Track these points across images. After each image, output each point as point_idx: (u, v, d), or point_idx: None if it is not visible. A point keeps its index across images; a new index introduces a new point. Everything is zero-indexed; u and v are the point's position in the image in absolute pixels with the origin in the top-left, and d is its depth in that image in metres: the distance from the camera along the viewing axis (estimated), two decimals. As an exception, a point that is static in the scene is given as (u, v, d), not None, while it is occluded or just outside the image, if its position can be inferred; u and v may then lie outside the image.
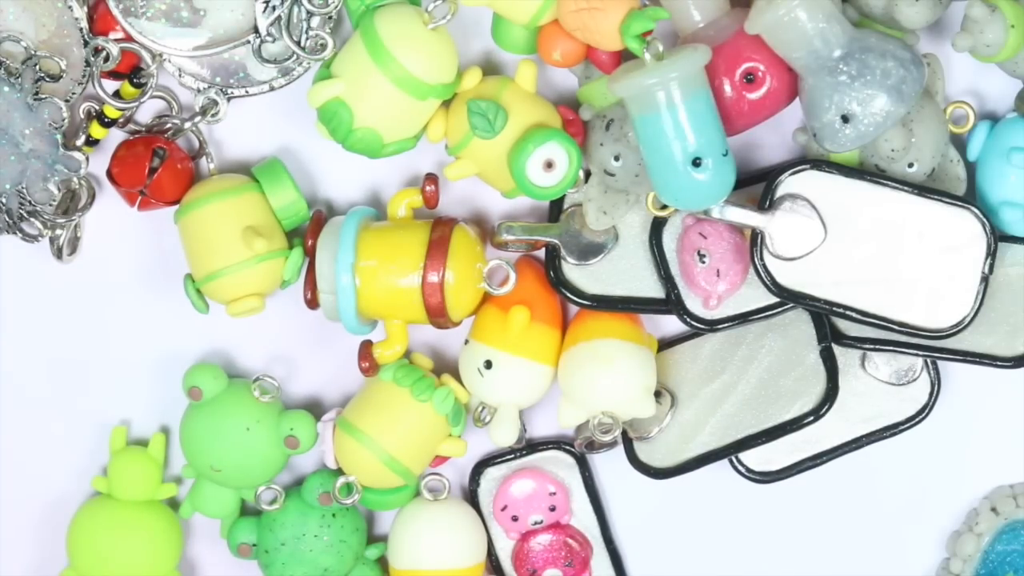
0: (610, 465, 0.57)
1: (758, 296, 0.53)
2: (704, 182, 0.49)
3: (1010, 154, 0.53)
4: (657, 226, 0.54)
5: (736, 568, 0.58)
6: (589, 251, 0.54)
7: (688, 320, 0.54)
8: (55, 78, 0.52)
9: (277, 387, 0.55)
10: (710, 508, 0.58)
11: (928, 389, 0.56)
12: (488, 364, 0.53)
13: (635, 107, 0.49)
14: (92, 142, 0.54)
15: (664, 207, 0.53)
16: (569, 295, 0.54)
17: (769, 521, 0.58)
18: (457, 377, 0.55)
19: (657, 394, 0.54)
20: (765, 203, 0.52)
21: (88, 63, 0.52)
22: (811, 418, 0.54)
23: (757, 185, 0.53)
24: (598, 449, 0.56)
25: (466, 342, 0.54)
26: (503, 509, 0.56)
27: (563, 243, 0.54)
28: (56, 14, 0.52)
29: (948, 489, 0.58)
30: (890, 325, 0.53)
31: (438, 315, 0.52)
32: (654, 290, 0.54)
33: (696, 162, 0.49)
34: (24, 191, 0.52)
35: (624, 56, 0.51)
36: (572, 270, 0.54)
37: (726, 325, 0.54)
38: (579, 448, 0.56)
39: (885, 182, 0.52)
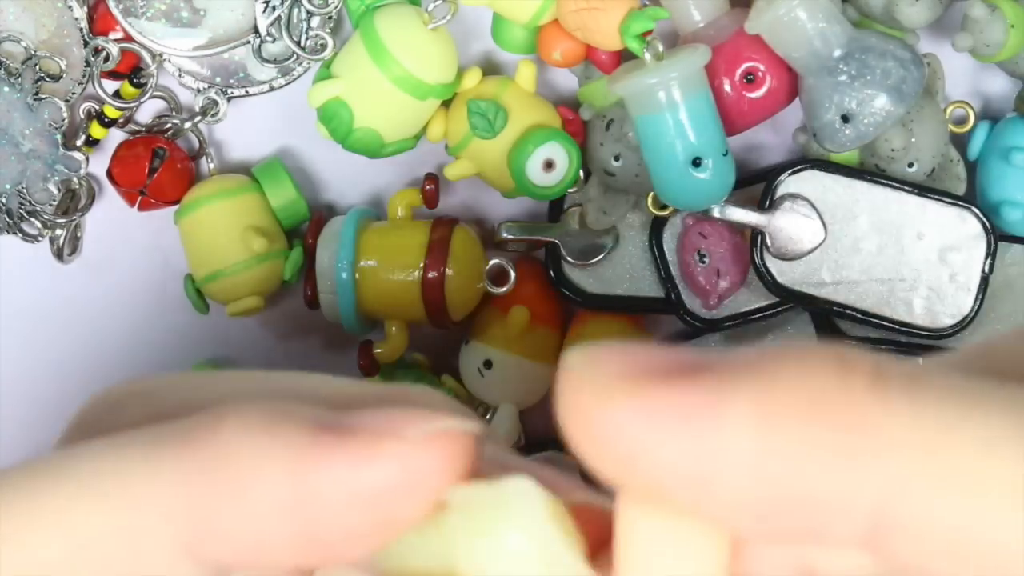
0: (610, 465, 0.57)
1: (758, 296, 0.53)
2: (704, 182, 0.49)
3: (1010, 154, 0.53)
4: (657, 226, 0.54)
5: (736, 568, 0.58)
6: (589, 251, 0.54)
7: (688, 320, 0.54)
8: (55, 78, 0.52)
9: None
10: (710, 508, 0.58)
11: (928, 389, 0.56)
12: (488, 364, 0.53)
13: (635, 107, 0.49)
14: (92, 142, 0.54)
15: (664, 207, 0.53)
16: (569, 295, 0.54)
17: (769, 521, 0.58)
18: (457, 377, 0.55)
19: (657, 394, 0.54)
20: (765, 203, 0.52)
21: (88, 63, 0.52)
22: (811, 418, 0.54)
23: (757, 185, 0.53)
24: (598, 449, 0.56)
25: (466, 342, 0.54)
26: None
27: (563, 243, 0.54)
28: (56, 14, 0.52)
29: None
30: (890, 325, 0.53)
31: (438, 315, 0.52)
32: (654, 290, 0.54)
33: (696, 162, 0.49)
34: (24, 191, 0.52)
35: (624, 56, 0.51)
36: (572, 270, 0.54)
37: (726, 325, 0.54)
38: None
39: (885, 182, 0.52)
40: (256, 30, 0.52)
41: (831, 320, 0.54)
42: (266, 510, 0.23)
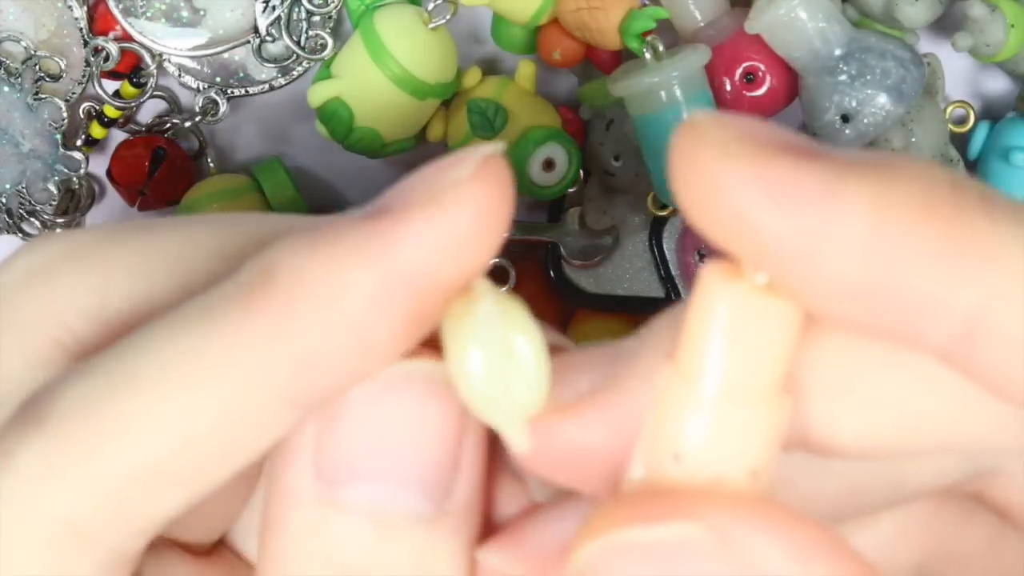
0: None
1: (758, 296, 0.53)
2: (704, 182, 0.49)
3: (1010, 154, 0.53)
4: (657, 226, 0.54)
5: (736, 568, 0.58)
6: (589, 251, 0.54)
7: (688, 320, 0.54)
8: (55, 78, 0.52)
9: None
10: (710, 508, 0.58)
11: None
12: (488, 364, 0.53)
13: (635, 107, 0.49)
14: (92, 142, 0.54)
15: (664, 207, 0.53)
16: (569, 295, 0.54)
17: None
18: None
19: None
20: (765, 203, 0.52)
21: (88, 63, 0.52)
22: (811, 418, 0.54)
23: (757, 185, 0.53)
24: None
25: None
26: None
27: (563, 243, 0.54)
28: (56, 14, 0.52)
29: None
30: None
31: (438, 315, 0.52)
32: (654, 290, 0.54)
33: (696, 162, 0.49)
34: (24, 191, 0.52)
35: (624, 56, 0.51)
36: (572, 270, 0.54)
37: (726, 325, 0.54)
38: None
39: (885, 182, 0.52)
40: (256, 30, 0.53)
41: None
42: (358, 310, 0.22)
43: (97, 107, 0.53)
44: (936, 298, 0.21)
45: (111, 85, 0.53)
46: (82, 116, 0.53)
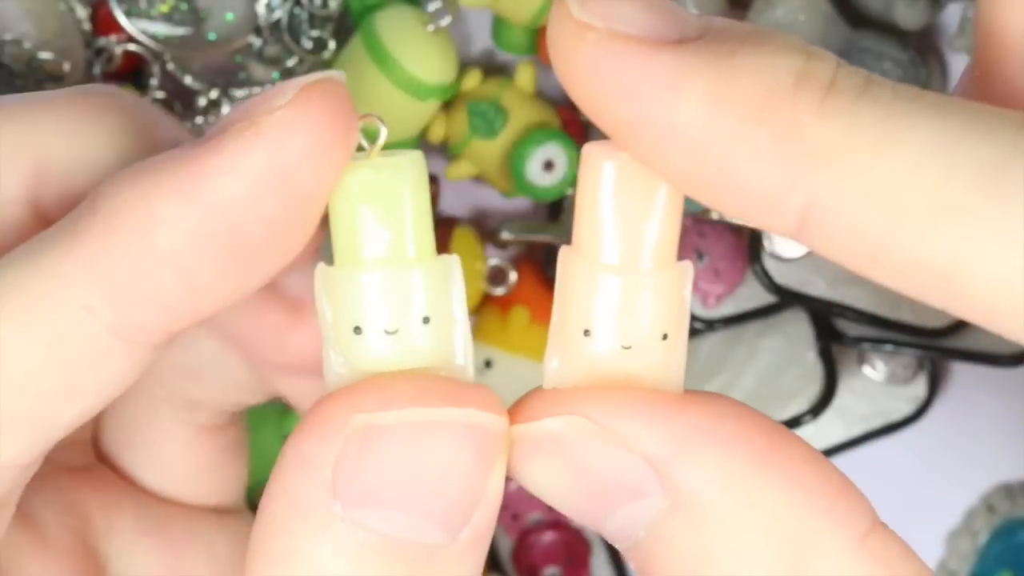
0: (610, 463, 0.57)
1: (756, 296, 0.54)
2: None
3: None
4: (656, 226, 0.54)
5: (735, 566, 0.58)
6: (589, 251, 0.54)
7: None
8: (58, 79, 0.52)
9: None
10: (709, 506, 0.58)
11: (927, 388, 0.56)
12: (488, 364, 0.54)
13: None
14: (95, 143, 0.54)
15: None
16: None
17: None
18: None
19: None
20: (764, 203, 0.52)
21: (91, 64, 0.53)
22: (808, 417, 0.54)
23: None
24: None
25: (466, 341, 0.55)
26: (503, 507, 0.56)
27: (563, 243, 0.54)
28: (59, 15, 0.52)
29: (946, 488, 0.58)
30: (889, 324, 0.53)
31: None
32: (653, 290, 0.54)
33: (694, 163, 0.49)
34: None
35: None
36: (572, 270, 0.54)
37: (724, 324, 0.54)
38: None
39: (883, 182, 0.52)
40: (257, 31, 0.53)
41: (829, 319, 0.55)
42: (171, 243, 0.22)
43: (99, 108, 0.53)
44: (767, 196, 0.21)
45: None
46: (85, 117, 0.54)
